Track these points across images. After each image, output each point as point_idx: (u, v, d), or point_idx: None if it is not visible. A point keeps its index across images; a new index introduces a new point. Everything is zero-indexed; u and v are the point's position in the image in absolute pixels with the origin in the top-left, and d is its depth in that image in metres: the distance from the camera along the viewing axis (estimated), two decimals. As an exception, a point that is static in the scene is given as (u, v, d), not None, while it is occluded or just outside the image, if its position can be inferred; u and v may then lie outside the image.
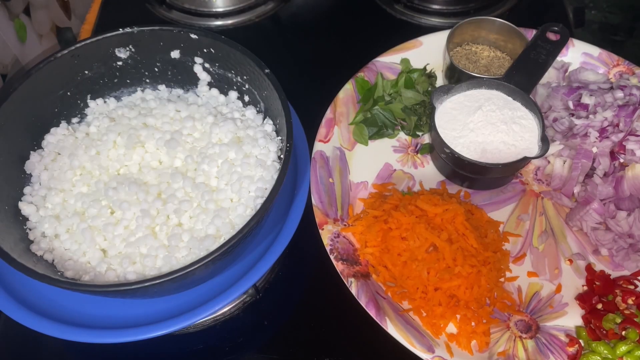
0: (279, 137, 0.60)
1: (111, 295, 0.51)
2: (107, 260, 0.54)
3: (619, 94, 0.69)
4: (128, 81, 0.65)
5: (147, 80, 0.66)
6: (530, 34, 0.77)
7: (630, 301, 0.59)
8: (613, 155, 0.67)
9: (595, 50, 0.78)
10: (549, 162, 0.70)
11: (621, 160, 0.66)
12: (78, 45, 0.59)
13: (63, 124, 0.63)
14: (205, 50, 0.62)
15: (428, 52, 0.78)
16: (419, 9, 0.90)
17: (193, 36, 0.61)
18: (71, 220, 0.56)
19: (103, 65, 0.63)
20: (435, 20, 0.88)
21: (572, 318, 0.60)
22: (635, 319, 0.57)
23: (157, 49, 0.63)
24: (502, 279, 0.62)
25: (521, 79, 0.69)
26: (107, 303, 0.57)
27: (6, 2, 0.70)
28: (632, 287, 0.61)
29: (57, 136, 0.62)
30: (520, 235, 0.66)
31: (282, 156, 0.56)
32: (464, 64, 0.76)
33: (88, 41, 0.60)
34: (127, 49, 0.63)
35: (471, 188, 0.69)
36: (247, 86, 0.63)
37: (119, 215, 0.56)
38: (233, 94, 0.64)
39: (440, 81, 0.78)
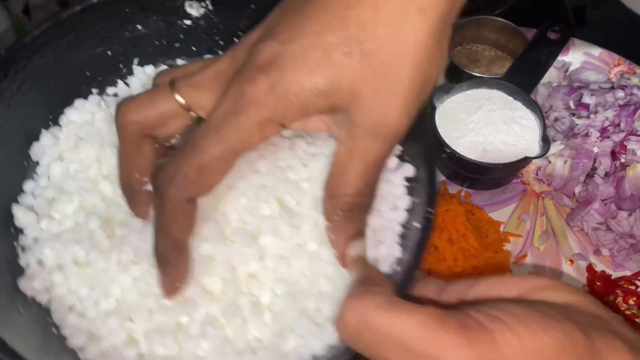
0: None
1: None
2: (126, 325, 0.34)
3: (620, 93, 0.69)
4: (194, 49, 0.46)
5: (220, 52, 0.45)
6: (531, 33, 0.76)
7: (631, 302, 0.59)
8: (614, 155, 0.67)
9: (596, 50, 0.78)
10: (549, 162, 0.70)
11: (622, 160, 0.66)
12: None
13: (94, 96, 0.43)
14: None
15: (428, 51, 0.78)
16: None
17: None
18: (85, 244, 0.36)
19: (164, 21, 0.44)
20: (435, 20, 0.88)
21: (573, 318, 0.60)
22: (636, 320, 0.57)
23: (244, 13, 0.44)
24: (502, 280, 0.62)
25: (522, 78, 0.69)
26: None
27: (5, 1, 0.69)
28: (633, 287, 0.61)
29: (82, 113, 0.42)
30: (521, 235, 0.66)
31: None
32: (465, 63, 0.76)
33: None
34: (203, 4, 0.44)
35: (472, 188, 0.69)
36: None
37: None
38: None
39: (440, 81, 0.78)
